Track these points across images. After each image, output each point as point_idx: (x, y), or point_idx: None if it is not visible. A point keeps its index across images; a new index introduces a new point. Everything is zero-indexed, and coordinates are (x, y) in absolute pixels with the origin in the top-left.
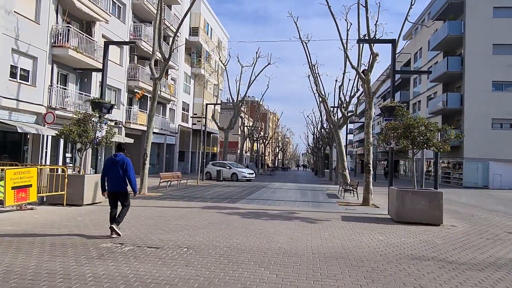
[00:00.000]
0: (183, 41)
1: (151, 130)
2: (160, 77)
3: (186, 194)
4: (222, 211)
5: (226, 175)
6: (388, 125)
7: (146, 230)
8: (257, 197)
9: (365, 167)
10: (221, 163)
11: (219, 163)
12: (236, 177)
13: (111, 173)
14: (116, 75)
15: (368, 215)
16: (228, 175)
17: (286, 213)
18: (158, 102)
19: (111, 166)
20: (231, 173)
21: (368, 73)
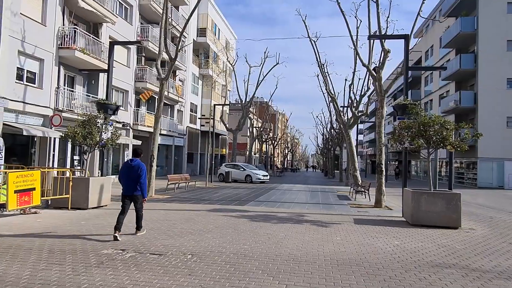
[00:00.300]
0: (191, 42)
1: (157, 131)
2: (166, 78)
3: (194, 196)
4: (229, 214)
5: (239, 177)
6: (401, 124)
7: (150, 235)
8: (266, 199)
9: (377, 167)
10: (234, 164)
11: (232, 164)
12: (250, 179)
13: (126, 177)
14: (124, 76)
15: (381, 217)
16: (242, 177)
17: (295, 216)
18: (165, 103)
19: (127, 170)
20: (245, 175)
21: (379, 71)
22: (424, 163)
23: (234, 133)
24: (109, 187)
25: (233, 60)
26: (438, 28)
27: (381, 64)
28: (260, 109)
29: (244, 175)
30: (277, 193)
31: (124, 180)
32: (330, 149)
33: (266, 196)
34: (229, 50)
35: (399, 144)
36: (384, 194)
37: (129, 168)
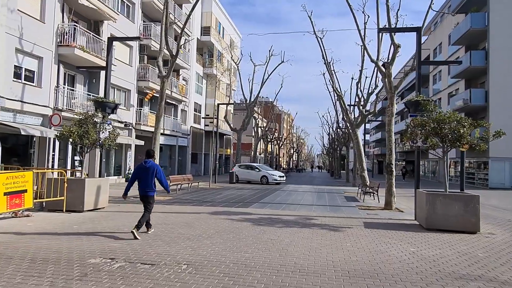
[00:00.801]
0: (195, 40)
1: (158, 131)
2: (168, 75)
3: (196, 198)
4: (232, 217)
5: (254, 178)
6: (414, 122)
7: (144, 241)
8: (270, 200)
9: (386, 168)
10: (248, 165)
11: (246, 165)
12: (266, 180)
13: (141, 178)
14: (126, 75)
15: (392, 221)
16: (257, 178)
17: (302, 219)
18: (169, 103)
19: (141, 172)
20: (260, 175)
21: (389, 66)
22: (432, 163)
23: (238, 133)
24: (106, 189)
25: (238, 59)
26: (447, 25)
27: (391, 59)
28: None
29: (259, 176)
30: (282, 194)
31: (140, 182)
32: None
33: (271, 197)
34: (234, 49)
35: (411, 143)
36: (395, 195)
37: (144, 169)
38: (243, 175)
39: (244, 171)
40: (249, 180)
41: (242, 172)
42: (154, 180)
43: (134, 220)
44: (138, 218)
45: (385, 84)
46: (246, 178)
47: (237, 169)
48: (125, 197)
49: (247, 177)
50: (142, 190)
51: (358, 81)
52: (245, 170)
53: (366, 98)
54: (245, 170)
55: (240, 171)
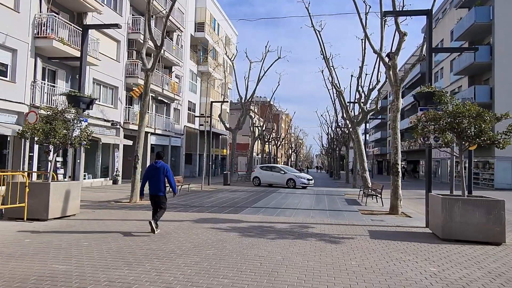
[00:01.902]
0: (188, 36)
1: (143, 129)
2: (152, 68)
3: (184, 202)
4: (218, 225)
5: (278, 180)
6: (426, 115)
7: (100, 261)
8: (265, 204)
9: (392, 168)
10: (272, 166)
11: (269, 166)
12: (293, 183)
13: (153, 178)
14: (113, 71)
15: (401, 229)
16: (282, 181)
17: (298, 228)
18: (161, 101)
19: (152, 172)
20: (286, 178)
21: (394, 57)
22: (434, 163)
23: (233, 132)
24: (77, 193)
25: (232, 55)
26: (449, 20)
27: (396, 49)
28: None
29: (285, 179)
30: (278, 197)
31: (151, 182)
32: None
33: (266, 200)
34: (229, 45)
35: (422, 140)
36: (401, 198)
37: (155, 169)
38: (266, 178)
39: (267, 173)
40: (273, 183)
41: (264, 174)
42: (165, 180)
43: (103, 230)
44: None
45: (389, 77)
46: (269, 181)
47: (258, 171)
48: (142, 198)
49: (270, 180)
50: (153, 189)
51: (358, 76)
52: (267, 172)
53: (367, 94)
54: (268, 172)
55: (262, 173)
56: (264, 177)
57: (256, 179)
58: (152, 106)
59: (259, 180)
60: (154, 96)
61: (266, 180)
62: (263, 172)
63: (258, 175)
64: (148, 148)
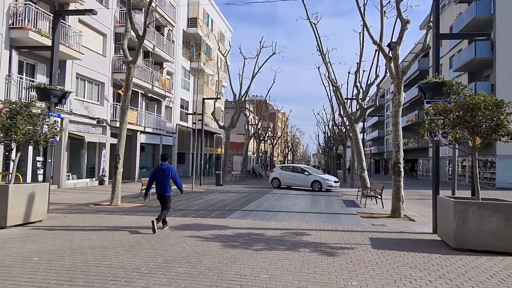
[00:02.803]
0: (180, 32)
1: (124, 125)
2: (134, 60)
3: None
4: (200, 233)
5: (301, 182)
6: (436, 108)
7: (40, 284)
8: (256, 207)
9: (393, 167)
10: (294, 167)
11: (290, 166)
12: (319, 186)
13: (159, 179)
14: (98, 66)
15: (406, 235)
16: (306, 183)
17: (290, 235)
18: (151, 98)
19: (159, 174)
20: (310, 180)
21: (396, 47)
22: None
23: (227, 130)
24: (45, 197)
25: (225, 51)
26: (448, 16)
27: (398, 38)
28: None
29: (309, 181)
30: (271, 198)
31: (157, 182)
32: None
33: (258, 202)
34: (223, 42)
35: (429, 137)
36: (403, 200)
37: (161, 171)
38: (287, 179)
39: (288, 174)
40: (294, 185)
41: (284, 175)
42: (170, 181)
43: (65, 240)
44: (76, 237)
45: (389, 69)
46: (291, 183)
47: (278, 172)
48: (146, 198)
49: (292, 181)
50: (160, 190)
51: (356, 71)
52: (289, 173)
53: (366, 90)
54: (290, 173)
55: (283, 174)
56: (285, 179)
57: (276, 180)
58: (142, 103)
59: (278, 182)
60: (143, 93)
61: (287, 182)
62: (283, 172)
63: (278, 176)
64: (138, 147)
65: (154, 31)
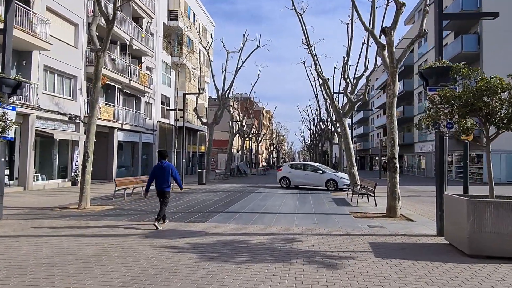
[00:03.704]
0: (160, 25)
1: (93, 120)
2: (103, 48)
3: (143, 207)
4: (173, 242)
5: (314, 181)
6: (443, 94)
7: None
8: (240, 208)
9: (388, 163)
10: (304, 164)
11: (300, 164)
12: (334, 185)
13: (159, 176)
14: (69, 58)
15: (408, 239)
16: (319, 182)
17: (279, 242)
18: (129, 94)
19: (158, 171)
20: (324, 179)
21: (390, 32)
22: (420, 157)
23: (210, 127)
24: None
25: (208, 44)
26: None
27: (393, 23)
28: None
29: (323, 180)
30: (257, 198)
31: (158, 180)
32: (318, 145)
33: (242, 203)
34: (206, 37)
35: (432, 127)
36: (399, 198)
37: (161, 169)
38: (297, 178)
39: (299, 172)
40: (306, 184)
41: (295, 174)
42: (170, 178)
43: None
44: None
45: (383, 58)
46: (302, 182)
47: (287, 170)
48: (146, 195)
49: (304, 180)
50: (160, 187)
51: (345, 63)
52: (300, 172)
53: (355, 83)
54: (301, 171)
55: (293, 173)
56: (295, 178)
57: (285, 180)
58: (119, 99)
59: (288, 181)
60: (121, 88)
61: (297, 181)
62: (293, 171)
63: (287, 175)
64: (115, 145)
65: (131, 22)
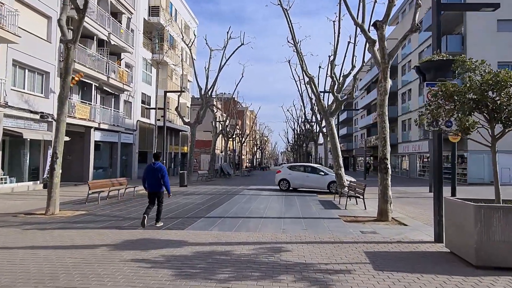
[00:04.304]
0: (141, 21)
1: (63, 118)
2: (74, 39)
3: (118, 212)
4: (146, 254)
5: (315, 184)
6: (443, 89)
7: None
8: (223, 212)
9: (379, 164)
10: (305, 165)
11: (300, 165)
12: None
13: (150, 177)
14: (42, 53)
15: (406, 246)
16: (322, 184)
17: (265, 252)
18: (107, 92)
19: (151, 172)
20: (327, 181)
21: (382, 26)
22: (402, 158)
23: (192, 126)
24: None
25: (190, 41)
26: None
27: (384, 16)
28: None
29: (326, 182)
30: (241, 201)
31: (149, 180)
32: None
33: (225, 206)
34: (189, 34)
35: (430, 126)
36: (391, 201)
37: (153, 170)
38: (298, 180)
39: (299, 174)
40: (307, 187)
41: (295, 176)
42: (160, 179)
43: None
44: None
45: (374, 53)
46: (302, 184)
47: (286, 172)
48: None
49: (305, 183)
50: (152, 188)
51: (332, 60)
52: (300, 174)
53: (342, 81)
54: (301, 173)
55: (293, 175)
56: (295, 180)
57: (284, 182)
58: (96, 97)
59: (287, 184)
60: (98, 85)
61: (298, 184)
62: (293, 173)
63: (287, 177)
64: (91, 145)
65: (109, 17)
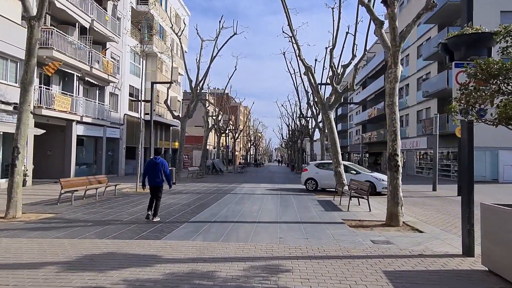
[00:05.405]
0: (128, 8)
1: (26, 107)
2: (38, 15)
3: (94, 213)
4: (105, 277)
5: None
6: (483, 67)
7: None
8: (210, 216)
9: (388, 161)
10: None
11: (329, 164)
12: (372, 188)
13: (152, 172)
14: (16, 39)
15: (431, 261)
16: None
17: (259, 274)
18: (91, 83)
19: (152, 166)
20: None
21: (394, 3)
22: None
23: (182, 121)
24: None
25: (179, 30)
26: (415, 4)
27: None
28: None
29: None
30: (232, 201)
31: (150, 174)
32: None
33: (214, 208)
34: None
35: (462, 113)
36: (403, 204)
37: (154, 164)
38: (327, 180)
39: (328, 173)
40: (332, 186)
41: (324, 175)
42: (162, 173)
43: None
44: None
45: (382, 36)
46: (333, 184)
47: (313, 170)
48: (145, 188)
49: (330, 182)
50: (153, 182)
51: (332, 48)
52: (329, 173)
53: (341, 71)
54: (331, 171)
55: (320, 173)
56: (324, 179)
57: (311, 182)
58: (79, 88)
59: (315, 184)
60: (80, 76)
61: (326, 184)
62: (321, 172)
63: (314, 176)
64: (73, 140)
65: (92, 3)
